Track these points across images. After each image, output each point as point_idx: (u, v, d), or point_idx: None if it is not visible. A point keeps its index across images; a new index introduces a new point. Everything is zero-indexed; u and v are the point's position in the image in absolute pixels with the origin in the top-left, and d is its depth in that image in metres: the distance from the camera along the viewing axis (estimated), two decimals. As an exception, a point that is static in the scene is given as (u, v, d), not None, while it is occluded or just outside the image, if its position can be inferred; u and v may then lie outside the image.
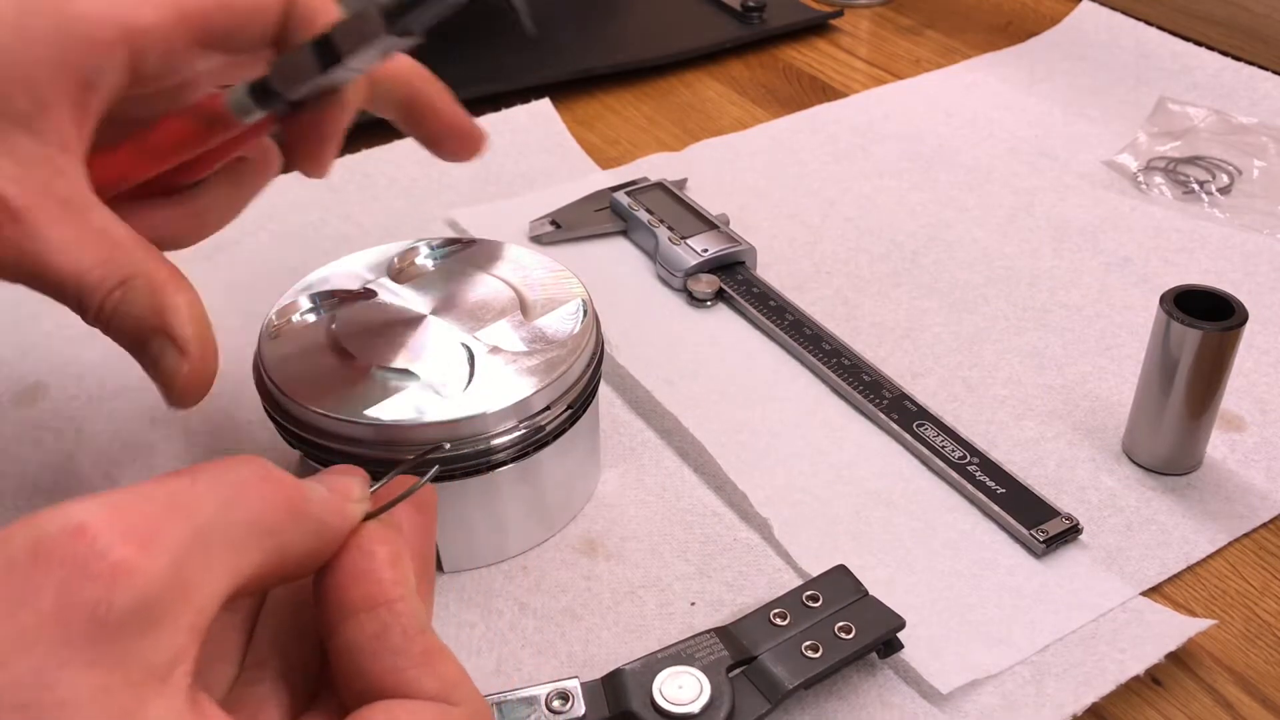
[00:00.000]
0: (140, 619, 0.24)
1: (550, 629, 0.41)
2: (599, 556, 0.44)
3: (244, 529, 0.26)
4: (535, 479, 0.43)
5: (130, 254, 0.36)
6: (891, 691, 0.39)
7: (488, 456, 0.41)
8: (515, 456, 0.41)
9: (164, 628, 0.24)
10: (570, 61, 0.75)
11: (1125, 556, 0.44)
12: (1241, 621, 0.42)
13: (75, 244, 0.35)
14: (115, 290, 0.36)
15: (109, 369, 0.51)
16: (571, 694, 0.36)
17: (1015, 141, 0.69)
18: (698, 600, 0.42)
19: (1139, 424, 0.47)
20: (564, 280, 0.46)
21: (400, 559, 0.29)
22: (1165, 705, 0.39)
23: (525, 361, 0.42)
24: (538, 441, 0.41)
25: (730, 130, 0.70)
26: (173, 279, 0.37)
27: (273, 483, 0.27)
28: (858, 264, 0.59)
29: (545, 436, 0.42)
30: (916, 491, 0.46)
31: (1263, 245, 0.60)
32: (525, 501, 0.43)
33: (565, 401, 0.42)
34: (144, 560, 0.24)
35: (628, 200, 0.61)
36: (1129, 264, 0.59)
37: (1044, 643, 0.40)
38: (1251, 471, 0.47)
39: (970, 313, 0.56)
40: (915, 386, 0.51)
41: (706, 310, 0.56)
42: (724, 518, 0.45)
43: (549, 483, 0.43)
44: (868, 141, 0.69)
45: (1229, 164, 0.66)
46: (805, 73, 0.78)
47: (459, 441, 0.40)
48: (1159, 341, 0.45)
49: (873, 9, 0.86)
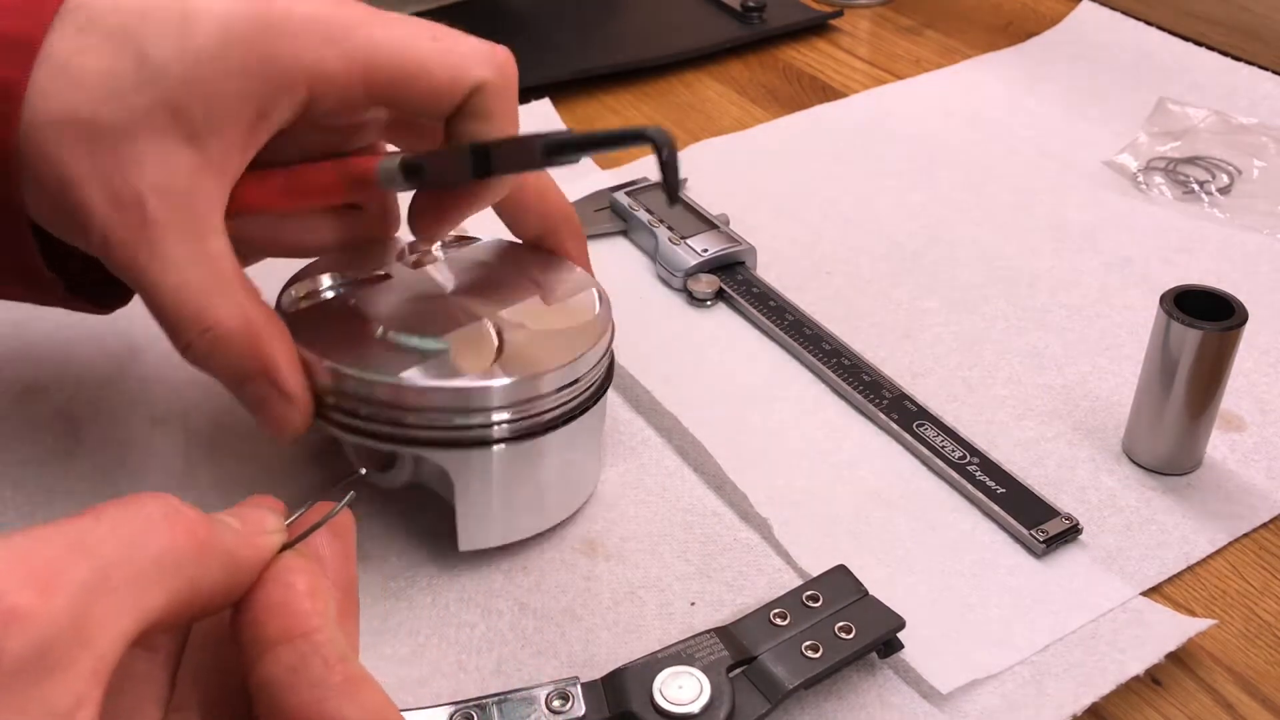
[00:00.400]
0: (36, 665, 0.23)
1: (550, 629, 0.41)
2: (599, 556, 0.44)
3: (149, 566, 0.26)
4: (570, 449, 0.43)
5: (234, 294, 0.38)
6: (891, 691, 0.39)
7: (538, 419, 0.41)
8: (555, 425, 0.41)
9: (63, 672, 0.24)
10: (570, 61, 0.75)
11: (1125, 556, 0.44)
12: (1241, 621, 0.42)
13: (189, 268, 0.37)
14: (210, 331, 0.37)
15: (109, 369, 0.51)
16: (571, 694, 0.36)
17: (1015, 141, 0.69)
18: (698, 600, 0.42)
19: (1139, 424, 0.47)
20: (573, 271, 0.46)
21: (319, 589, 0.29)
22: (1165, 705, 0.39)
23: (553, 337, 0.42)
24: (571, 412, 0.42)
25: (730, 130, 0.70)
26: (270, 323, 0.39)
27: (179, 518, 0.27)
28: (858, 264, 0.59)
29: (579, 407, 0.42)
30: (916, 491, 0.46)
31: (1263, 245, 0.60)
32: (559, 473, 0.43)
33: (597, 373, 0.42)
34: (40, 604, 0.23)
35: (628, 200, 0.61)
36: (1129, 264, 0.59)
37: (1044, 643, 0.40)
38: (1251, 471, 0.47)
39: (970, 313, 0.56)
40: (915, 386, 0.51)
41: (706, 310, 0.56)
42: (724, 518, 0.45)
43: (580, 454, 0.44)
44: (868, 141, 0.69)
45: (1229, 164, 0.66)
46: (805, 73, 0.78)
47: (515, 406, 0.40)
48: (1159, 341, 0.45)
49: (873, 9, 0.86)
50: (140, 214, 0.36)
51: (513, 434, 0.40)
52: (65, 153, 0.36)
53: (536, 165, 0.38)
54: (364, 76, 0.38)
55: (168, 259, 0.37)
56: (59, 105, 0.36)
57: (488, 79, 0.38)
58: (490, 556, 0.43)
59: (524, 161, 0.38)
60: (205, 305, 0.37)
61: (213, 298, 0.37)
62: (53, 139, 0.36)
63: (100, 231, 0.37)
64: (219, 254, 0.38)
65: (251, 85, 0.37)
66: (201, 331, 0.37)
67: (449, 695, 0.38)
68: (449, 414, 0.40)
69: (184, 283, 0.37)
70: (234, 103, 0.37)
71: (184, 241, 0.37)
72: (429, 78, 0.38)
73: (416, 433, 0.40)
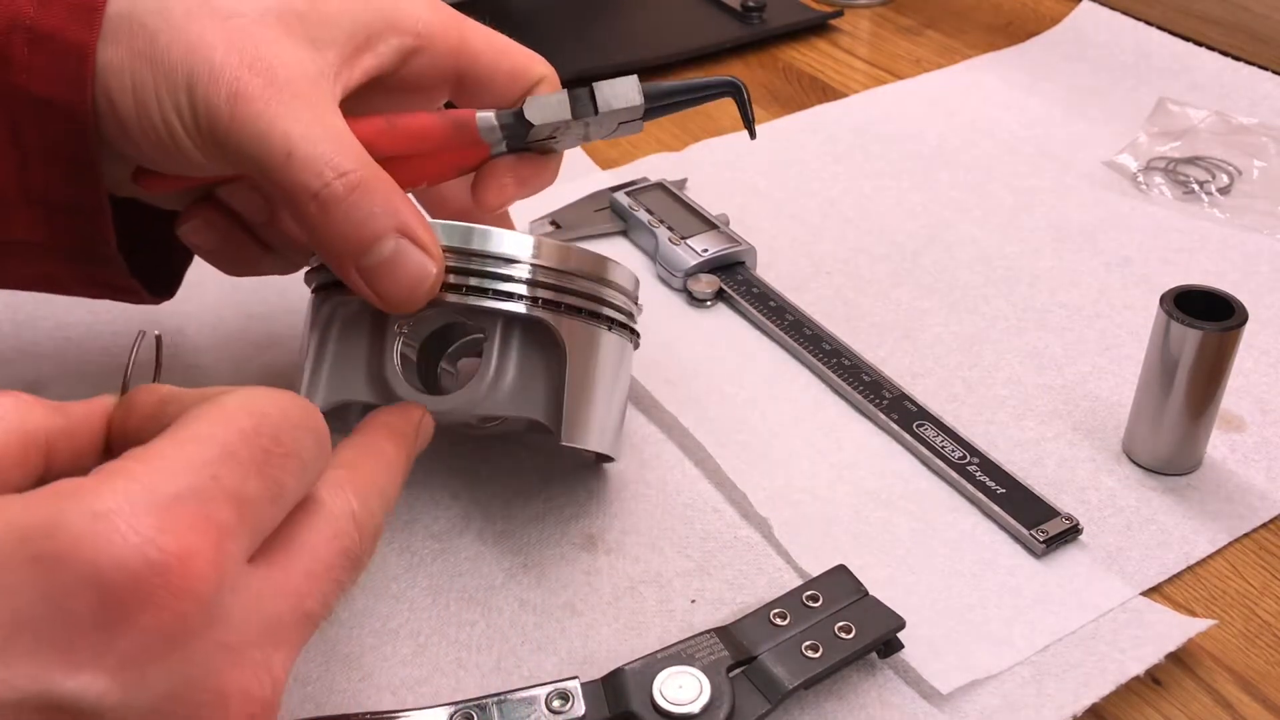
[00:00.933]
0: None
1: (550, 625, 0.41)
2: (599, 551, 0.44)
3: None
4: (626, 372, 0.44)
5: (364, 155, 0.38)
6: (891, 691, 0.39)
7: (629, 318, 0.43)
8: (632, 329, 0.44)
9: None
10: (570, 61, 0.75)
11: (1125, 556, 0.44)
12: (1241, 621, 0.42)
13: (317, 125, 0.37)
14: (349, 175, 0.37)
15: (109, 369, 0.51)
16: (571, 694, 0.36)
17: (1015, 141, 0.69)
18: (698, 598, 0.42)
19: (1139, 424, 0.47)
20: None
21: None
22: (1165, 705, 0.39)
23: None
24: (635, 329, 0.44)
25: (730, 130, 0.70)
26: (398, 187, 0.39)
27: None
28: (858, 264, 0.59)
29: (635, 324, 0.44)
30: (916, 491, 0.46)
31: (1263, 245, 0.60)
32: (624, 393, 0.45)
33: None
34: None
35: (628, 200, 0.61)
36: (1129, 264, 0.59)
37: (1044, 643, 0.40)
38: (1251, 471, 0.47)
39: (970, 313, 0.56)
40: (915, 386, 0.51)
41: (706, 310, 0.56)
42: (724, 514, 0.45)
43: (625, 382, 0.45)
44: (868, 141, 0.69)
45: (1229, 164, 0.66)
46: (805, 73, 0.78)
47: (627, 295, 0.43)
48: (1159, 341, 0.45)
49: (873, 9, 0.86)
50: (271, 76, 0.37)
51: (623, 324, 0.43)
52: (196, 23, 0.37)
53: (638, 111, 0.41)
54: (458, 45, 0.42)
55: (299, 114, 0.37)
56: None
57: (547, 74, 0.44)
58: (491, 556, 0.43)
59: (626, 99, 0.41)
60: (339, 151, 0.37)
61: (345, 148, 0.37)
62: (183, 13, 0.37)
63: (230, 86, 0.36)
64: (343, 124, 0.38)
65: (370, 16, 0.40)
66: (340, 174, 0.37)
67: (449, 693, 0.38)
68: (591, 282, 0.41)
69: (318, 133, 0.37)
70: (352, 27, 0.40)
71: (312, 106, 0.38)
72: (510, 60, 0.43)
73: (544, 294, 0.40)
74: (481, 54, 0.43)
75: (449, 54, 0.42)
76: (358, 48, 0.40)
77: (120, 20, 0.37)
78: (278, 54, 0.37)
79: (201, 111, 0.37)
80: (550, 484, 0.46)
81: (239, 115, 0.37)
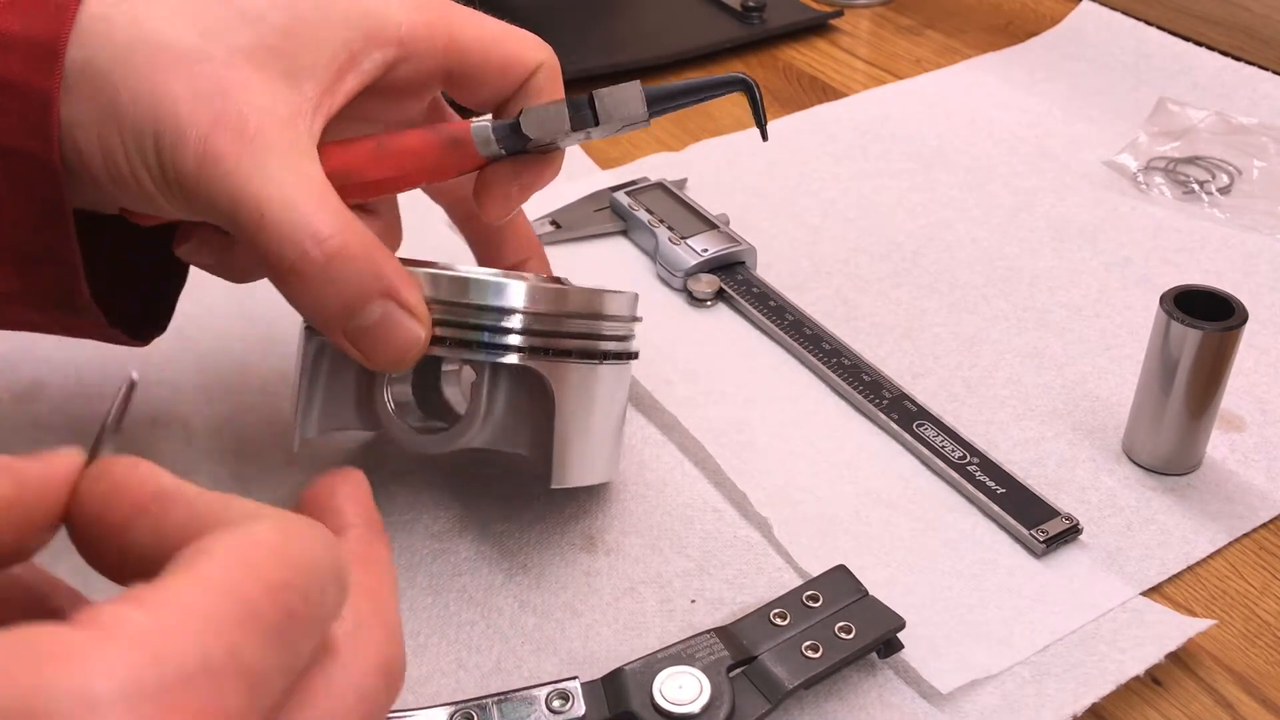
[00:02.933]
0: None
1: (550, 625, 0.41)
2: (599, 552, 0.44)
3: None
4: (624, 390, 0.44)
5: (343, 215, 0.36)
6: (891, 691, 0.39)
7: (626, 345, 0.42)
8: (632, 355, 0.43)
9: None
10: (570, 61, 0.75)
11: (1125, 556, 0.44)
12: (1241, 621, 0.42)
13: (292, 183, 0.35)
14: (326, 242, 0.35)
15: (108, 369, 0.51)
16: (571, 694, 0.36)
17: (1015, 141, 0.69)
18: (698, 598, 0.42)
19: (1139, 424, 0.47)
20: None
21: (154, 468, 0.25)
22: (1165, 705, 0.39)
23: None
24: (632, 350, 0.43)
25: (730, 130, 0.70)
26: (375, 240, 0.37)
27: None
28: (858, 264, 0.59)
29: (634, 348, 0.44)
30: (916, 491, 0.46)
31: (1263, 245, 0.60)
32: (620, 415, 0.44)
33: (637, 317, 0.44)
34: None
35: (628, 200, 0.61)
36: (1129, 264, 0.59)
37: (1044, 643, 0.40)
38: (1251, 471, 0.47)
39: (970, 313, 0.56)
40: (915, 386, 0.51)
41: (706, 310, 0.56)
42: (724, 514, 0.45)
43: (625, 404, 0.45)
44: (868, 141, 0.69)
45: (1229, 164, 0.66)
46: (805, 73, 0.78)
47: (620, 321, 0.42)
48: (1159, 341, 0.45)
49: (873, 9, 0.86)
50: (241, 130, 0.35)
51: (618, 353, 0.42)
52: (160, 74, 0.35)
53: (641, 115, 0.39)
54: (446, 44, 0.40)
55: (271, 173, 0.35)
56: (154, 30, 0.36)
57: (545, 60, 0.42)
58: (491, 557, 0.43)
59: (629, 110, 0.39)
60: (316, 215, 0.35)
61: (323, 210, 0.35)
62: (144, 61, 0.35)
63: (198, 146, 0.35)
64: (319, 176, 0.36)
65: (349, 34, 0.38)
66: (317, 241, 0.35)
67: (449, 694, 0.38)
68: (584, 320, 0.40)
69: (291, 195, 0.35)
70: (332, 49, 0.37)
71: (286, 159, 0.35)
72: (502, 50, 0.41)
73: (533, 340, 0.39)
74: (472, 49, 0.40)
75: (437, 55, 0.40)
76: (339, 71, 0.38)
77: (81, 71, 0.35)
78: (249, 100, 0.35)
79: (170, 171, 0.35)
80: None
81: (207, 177, 0.35)
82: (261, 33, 0.37)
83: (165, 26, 0.36)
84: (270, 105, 0.36)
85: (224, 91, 0.35)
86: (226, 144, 0.35)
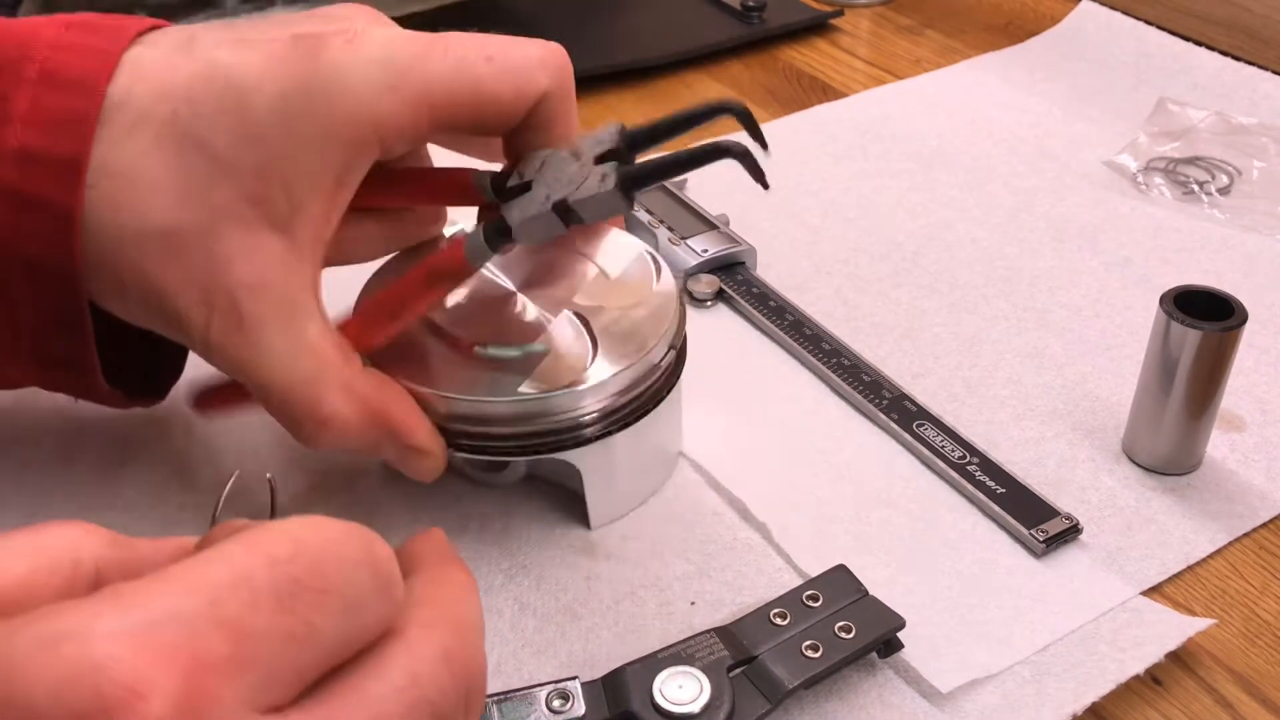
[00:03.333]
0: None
1: (550, 628, 0.41)
2: (599, 556, 0.44)
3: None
4: (673, 406, 0.45)
5: (343, 378, 0.38)
6: (891, 691, 0.39)
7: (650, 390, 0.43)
8: (665, 392, 0.43)
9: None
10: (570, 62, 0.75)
11: (1125, 556, 0.44)
12: (1241, 621, 0.42)
13: (290, 365, 0.37)
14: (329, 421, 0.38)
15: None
16: (571, 694, 0.36)
17: (1015, 141, 0.69)
18: (698, 600, 0.42)
19: (1139, 424, 0.47)
20: (609, 232, 0.46)
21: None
22: (1165, 705, 0.39)
23: (636, 310, 0.43)
24: (674, 374, 0.44)
25: (730, 131, 0.70)
26: (382, 389, 0.39)
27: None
28: (858, 264, 0.59)
29: (678, 367, 0.44)
30: (916, 491, 0.46)
31: (1263, 245, 0.60)
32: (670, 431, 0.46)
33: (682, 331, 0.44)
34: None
35: (628, 200, 0.61)
36: (1129, 264, 0.59)
37: (1044, 643, 0.40)
38: (1251, 471, 0.47)
39: (970, 313, 0.56)
40: (915, 386, 0.51)
41: (706, 310, 0.56)
42: (724, 517, 0.45)
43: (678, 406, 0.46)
44: (868, 141, 0.69)
45: (1229, 164, 0.66)
46: (805, 73, 0.78)
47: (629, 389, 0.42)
48: (1159, 341, 0.45)
49: (873, 9, 0.86)
50: (236, 315, 0.36)
51: (633, 416, 0.42)
52: (150, 264, 0.36)
53: (622, 208, 0.38)
54: (429, 116, 0.37)
55: (271, 355, 0.37)
56: (133, 217, 0.36)
57: (547, 88, 0.39)
58: (490, 556, 0.43)
59: (612, 207, 0.38)
60: (317, 398, 0.37)
61: (323, 389, 0.37)
62: (133, 251, 0.36)
63: (201, 337, 0.37)
64: (320, 339, 0.38)
65: (326, 156, 0.36)
66: (319, 424, 0.38)
67: (449, 695, 0.38)
68: (574, 416, 0.41)
69: (292, 379, 0.37)
70: (313, 178, 0.36)
71: (284, 333, 0.37)
72: (493, 103, 0.38)
73: (542, 441, 0.41)
74: (460, 114, 0.38)
75: (421, 131, 0.38)
76: (327, 197, 0.37)
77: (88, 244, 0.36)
78: (239, 278, 0.36)
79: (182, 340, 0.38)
80: (550, 485, 0.46)
81: (215, 359, 0.38)
82: (239, 185, 0.36)
83: (144, 203, 0.36)
84: (262, 274, 0.36)
85: (216, 275, 0.36)
86: (225, 335, 0.37)
